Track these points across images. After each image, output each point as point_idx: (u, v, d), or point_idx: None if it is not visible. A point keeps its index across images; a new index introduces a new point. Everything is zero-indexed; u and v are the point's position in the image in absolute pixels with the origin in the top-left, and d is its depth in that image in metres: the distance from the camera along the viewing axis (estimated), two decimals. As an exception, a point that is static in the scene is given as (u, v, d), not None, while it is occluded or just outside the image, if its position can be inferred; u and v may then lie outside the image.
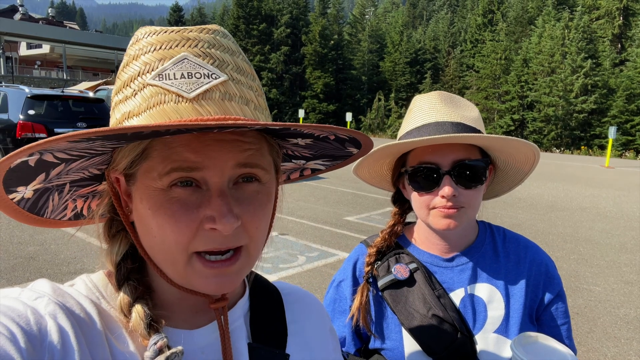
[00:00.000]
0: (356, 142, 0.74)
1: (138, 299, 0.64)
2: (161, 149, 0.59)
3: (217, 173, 0.60)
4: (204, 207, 0.59)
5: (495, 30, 48.02)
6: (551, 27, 40.91)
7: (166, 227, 0.59)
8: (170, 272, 0.63)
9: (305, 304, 0.85)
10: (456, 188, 1.12)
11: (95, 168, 0.66)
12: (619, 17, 44.01)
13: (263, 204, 0.65)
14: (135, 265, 0.68)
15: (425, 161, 1.15)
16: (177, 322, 0.68)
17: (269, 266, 5.73)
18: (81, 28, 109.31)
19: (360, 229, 7.81)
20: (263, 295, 0.80)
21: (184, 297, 0.68)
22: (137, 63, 0.61)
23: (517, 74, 41.58)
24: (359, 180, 1.43)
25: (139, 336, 0.62)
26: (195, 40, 0.62)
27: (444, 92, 1.24)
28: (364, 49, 56.37)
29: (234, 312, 0.73)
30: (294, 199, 10.06)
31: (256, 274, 0.83)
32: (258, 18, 52.84)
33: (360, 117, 49.14)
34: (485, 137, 1.09)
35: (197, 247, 0.60)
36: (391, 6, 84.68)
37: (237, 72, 0.63)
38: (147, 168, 0.60)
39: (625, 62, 40.47)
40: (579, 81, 37.49)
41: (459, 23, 61.25)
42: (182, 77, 0.59)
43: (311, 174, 0.89)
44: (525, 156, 1.20)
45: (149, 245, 0.63)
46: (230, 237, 0.61)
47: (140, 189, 0.62)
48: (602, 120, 37.11)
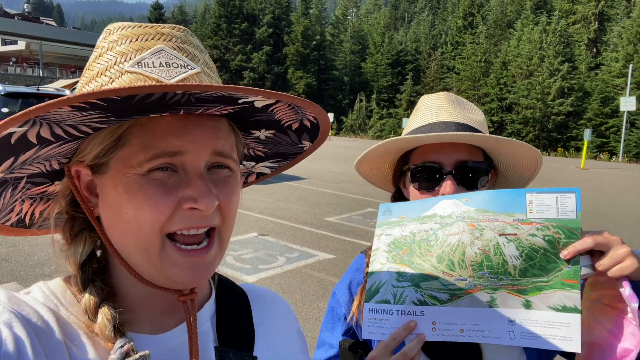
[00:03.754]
0: (313, 132, 0.76)
1: (104, 301, 0.63)
2: (141, 135, 0.60)
3: (196, 157, 0.62)
4: (183, 188, 0.60)
5: (475, 33, 48.75)
6: (529, 30, 41.74)
7: (144, 207, 0.59)
8: (140, 264, 0.63)
9: (273, 306, 0.85)
10: (457, 188, 1.12)
11: (57, 160, 0.65)
12: (594, 22, 45.12)
13: (234, 187, 0.67)
14: (98, 266, 0.67)
15: (428, 160, 1.15)
16: (143, 327, 0.66)
17: (249, 267, 5.71)
18: (58, 25, 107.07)
19: (340, 229, 7.84)
20: (229, 298, 0.80)
21: (150, 297, 0.67)
22: (112, 53, 0.62)
23: (497, 77, 42.30)
24: (340, 181, 1.39)
25: (102, 340, 0.60)
26: (169, 35, 0.65)
27: (451, 94, 1.25)
28: (346, 50, 56.57)
29: (201, 315, 0.72)
30: (275, 199, 10.04)
31: (221, 276, 0.83)
32: (240, 17, 52.57)
33: (342, 118, 49.29)
34: (493, 137, 1.10)
35: (172, 227, 0.61)
36: (373, 7, 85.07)
37: (207, 67, 0.67)
38: (124, 155, 0.60)
39: (600, 66, 41.54)
40: (556, 84, 38.34)
41: (440, 25, 61.89)
42: (160, 66, 0.61)
43: (256, 179, 0.89)
44: (527, 162, 1.20)
45: (120, 235, 0.62)
46: (207, 217, 0.62)
47: (114, 177, 0.61)
48: (578, 123, 38.01)
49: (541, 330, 0.88)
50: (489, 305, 0.92)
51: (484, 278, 0.93)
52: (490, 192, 0.97)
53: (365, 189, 11.34)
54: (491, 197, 0.96)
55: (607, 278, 0.89)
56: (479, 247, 0.94)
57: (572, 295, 0.87)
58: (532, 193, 0.92)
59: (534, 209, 0.92)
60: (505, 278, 0.92)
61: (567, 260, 0.88)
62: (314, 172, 14.38)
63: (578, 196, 0.90)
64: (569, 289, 0.87)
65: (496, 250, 0.92)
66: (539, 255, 0.90)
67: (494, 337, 0.91)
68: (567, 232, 0.89)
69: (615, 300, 0.90)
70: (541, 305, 0.89)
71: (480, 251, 0.93)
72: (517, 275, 0.91)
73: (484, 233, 0.94)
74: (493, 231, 0.93)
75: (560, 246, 0.89)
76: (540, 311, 0.89)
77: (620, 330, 0.89)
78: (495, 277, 0.92)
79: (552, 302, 0.88)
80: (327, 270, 5.75)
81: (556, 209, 0.90)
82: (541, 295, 0.89)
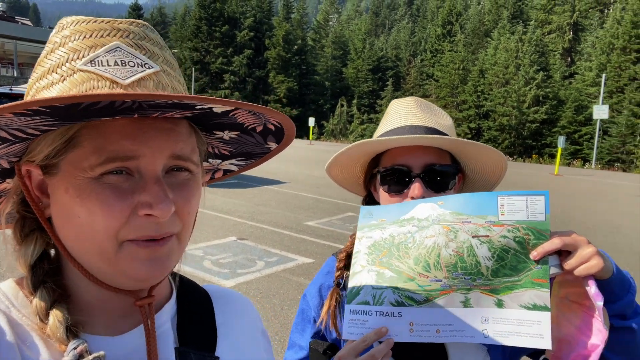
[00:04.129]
0: (279, 134, 0.74)
1: (56, 303, 0.60)
2: (93, 137, 0.57)
3: (153, 161, 0.59)
4: (139, 193, 0.58)
5: (453, 41, 49.55)
6: (506, 39, 42.64)
7: (97, 213, 0.56)
8: (95, 265, 0.61)
9: (236, 306, 0.85)
10: (426, 191, 1.14)
11: (7, 159, 0.63)
12: (569, 32, 46.40)
13: (194, 190, 0.65)
14: (50, 267, 0.64)
15: (397, 163, 1.17)
16: (98, 329, 0.64)
17: (227, 271, 5.66)
18: (34, 24, 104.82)
19: (320, 234, 7.85)
20: (191, 298, 0.78)
21: (106, 300, 0.65)
22: (64, 49, 0.59)
23: (474, 84, 43.03)
24: (320, 185, 1.40)
25: (55, 342, 0.58)
26: (127, 32, 0.61)
27: (420, 99, 1.28)
28: (327, 55, 56.78)
29: (161, 316, 0.70)
30: (255, 203, 10.00)
31: (182, 276, 0.82)
32: (221, 20, 52.28)
33: (323, 123, 49.40)
34: (459, 140, 1.13)
35: (128, 235, 0.58)
36: (354, 14, 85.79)
37: (167, 65, 0.64)
38: (75, 157, 0.57)
39: (574, 75, 42.70)
40: (531, 92, 39.19)
41: (420, 33, 62.79)
42: (115, 64, 0.58)
43: (222, 176, 0.89)
44: (493, 165, 1.23)
45: (73, 238, 0.60)
46: (164, 224, 0.60)
47: (65, 179, 0.58)
48: (552, 130, 38.89)
49: (513, 328, 0.91)
50: (463, 305, 0.95)
51: (458, 279, 0.96)
52: (465, 195, 1.01)
53: (345, 194, 11.34)
54: (465, 200, 1.00)
55: (574, 277, 0.92)
56: (453, 249, 0.97)
57: (541, 294, 0.90)
58: (504, 196, 0.96)
59: (505, 211, 0.95)
60: (479, 278, 0.95)
61: (537, 261, 0.92)
62: (295, 176, 14.36)
63: (547, 199, 0.94)
64: (538, 288, 0.91)
65: (469, 251, 0.95)
66: (510, 256, 0.94)
67: (468, 337, 0.94)
68: (537, 233, 0.93)
69: (582, 298, 0.94)
70: (513, 304, 0.92)
71: (454, 253, 0.96)
72: (489, 275, 0.94)
73: (458, 235, 0.97)
74: (466, 233, 0.96)
75: (530, 247, 0.93)
76: (512, 310, 0.92)
77: (587, 327, 0.92)
78: (468, 278, 0.95)
79: (523, 301, 0.91)
80: (306, 275, 5.74)
81: (526, 211, 0.94)
82: (512, 295, 0.92)
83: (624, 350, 0.98)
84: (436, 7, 64.86)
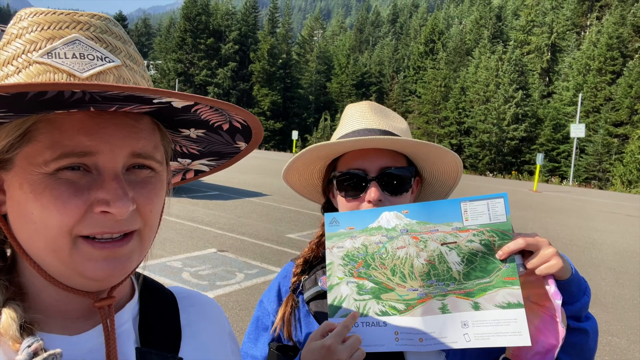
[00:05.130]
0: (247, 134, 0.73)
1: (8, 300, 0.58)
2: (49, 132, 0.55)
3: (111, 158, 0.57)
4: (96, 190, 0.56)
5: (436, 58, 50.53)
6: (486, 58, 43.67)
7: (51, 209, 0.55)
8: (51, 264, 0.59)
9: (202, 308, 0.84)
10: (382, 194, 1.14)
11: None
12: (547, 52, 47.71)
13: (157, 188, 0.63)
14: (4, 264, 0.62)
15: (353, 167, 1.17)
16: (55, 328, 0.62)
17: (205, 283, 5.58)
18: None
19: (301, 246, 7.80)
20: (155, 299, 0.77)
21: (63, 300, 0.63)
22: (20, 41, 0.57)
23: (455, 101, 43.83)
24: (302, 198, 1.39)
25: (9, 340, 0.56)
26: (87, 24, 0.60)
27: (374, 103, 1.28)
28: (311, 69, 57.25)
29: (121, 316, 0.68)
30: (236, 215, 9.92)
31: (146, 277, 0.80)
32: (206, 32, 52.39)
33: (306, 136, 49.56)
34: (411, 141, 1.13)
35: (83, 230, 0.57)
36: (339, 30, 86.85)
37: (130, 60, 0.62)
38: (30, 152, 0.56)
39: (552, 94, 43.90)
40: (510, 110, 40.07)
41: (403, 50, 63.84)
42: (74, 57, 0.56)
43: (194, 176, 0.88)
44: (448, 167, 1.23)
45: (27, 236, 0.58)
46: (123, 221, 0.58)
47: (20, 175, 0.57)
48: (531, 148, 39.75)
49: (492, 329, 0.93)
50: (441, 311, 0.97)
51: (433, 286, 0.98)
52: (428, 203, 1.05)
53: (327, 207, 11.37)
54: (430, 209, 1.03)
55: (535, 277, 0.96)
56: (424, 258, 1.00)
57: (513, 291, 0.93)
58: (466, 202, 1.00)
59: (469, 216, 0.99)
60: (452, 283, 0.97)
61: (504, 260, 0.95)
62: (277, 189, 14.32)
63: (506, 200, 0.98)
64: (510, 286, 0.94)
65: (440, 259, 0.99)
66: (479, 259, 0.97)
67: (451, 342, 0.96)
68: (500, 234, 0.97)
69: (542, 299, 0.97)
70: (488, 305, 0.95)
71: (426, 262, 1.00)
72: (461, 279, 0.97)
73: (428, 244, 1.00)
74: (435, 242, 1.00)
75: (496, 248, 0.97)
76: (489, 311, 0.94)
77: (546, 327, 0.96)
78: (442, 284, 0.98)
79: (497, 301, 0.94)
80: (286, 287, 5.70)
81: (488, 214, 0.98)
82: (487, 296, 0.95)
83: (577, 352, 1.02)
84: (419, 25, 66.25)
